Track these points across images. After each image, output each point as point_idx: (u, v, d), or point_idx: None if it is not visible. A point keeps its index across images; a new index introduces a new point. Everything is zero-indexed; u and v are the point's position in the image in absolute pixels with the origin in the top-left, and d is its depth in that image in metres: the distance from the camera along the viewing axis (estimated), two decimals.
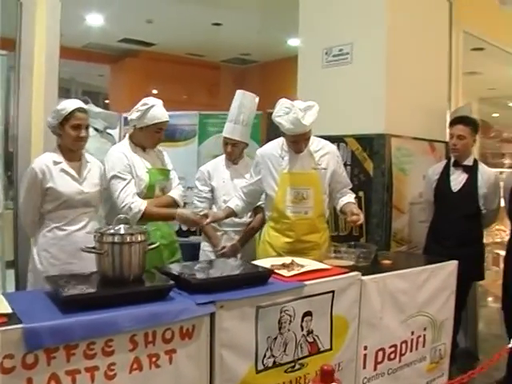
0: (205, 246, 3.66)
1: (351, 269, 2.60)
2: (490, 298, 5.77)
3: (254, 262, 2.55)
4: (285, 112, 2.94)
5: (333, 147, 3.29)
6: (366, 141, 3.81)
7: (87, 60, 9.49)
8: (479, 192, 3.58)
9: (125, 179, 2.95)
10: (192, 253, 3.85)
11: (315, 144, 3.18)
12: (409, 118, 3.94)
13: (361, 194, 3.78)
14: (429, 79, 4.18)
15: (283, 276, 2.36)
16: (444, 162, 3.82)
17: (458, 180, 3.63)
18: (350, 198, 3.22)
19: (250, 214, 3.60)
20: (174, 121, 4.99)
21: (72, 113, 2.80)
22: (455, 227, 3.54)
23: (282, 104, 2.97)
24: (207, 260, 3.19)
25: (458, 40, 5.10)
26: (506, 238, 8.42)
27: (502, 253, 8.05)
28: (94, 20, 7.37)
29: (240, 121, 3.55)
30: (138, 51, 9.08)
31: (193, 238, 4.82)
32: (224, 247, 3.47)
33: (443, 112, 4.31)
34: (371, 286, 2.56)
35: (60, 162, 2.84)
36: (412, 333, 2.82)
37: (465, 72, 5.33)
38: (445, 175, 3.68)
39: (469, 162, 3.66)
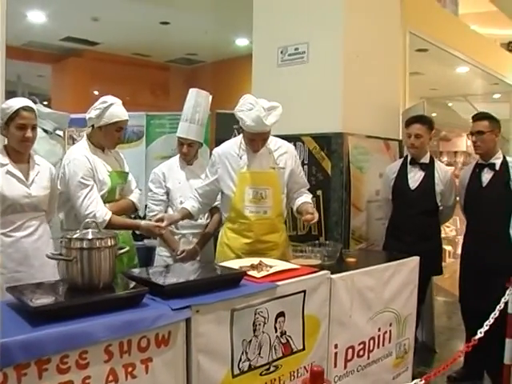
0: (161, 251, 3.55)
1: (319, 268, 2.58)
2: (438, 294, 5.93)
3: (224, 264, 2.50)
4: (248, 108, 2.89)
5: (290, 147, 3.29)
6: (323, 140, 3.83)
7: (27, 59, 9.16)
8: (436, 189, 3.66)
9: (88, 185, 2.83)
10: (146, 256, 3.77)
11: (273, 143, 3.16)
12: (364, 116, 3.99)
13: (319, 192, 3.79)
14: (382, 78, 4.25)
15: (255, 277, 2.32)
16: (401, 160, 3.88)
17: (415, 178, 3.69)
18: (306, 198, 3.22)
19: (207, 215, 3.53)
20: None
21: (17, 112, 2.62)
22: (414, 223, 3.60)
23: (247, 99, 2.93)
24: (176, 264, 3.10)
25: (405, 40, 5.23)
26: (451, 234, 8.69)
27: (447, 248, 8.35)
28: (36, 17, 7.10)
29: (196, 120, 3.48)
30: (82, 51, 8.83)
31: (147, 242, 4.70)
32: (183, 251, 3.38)
33: (396, 111, 4.39)
34: (340, 284, 2.56)
35: (6, 164, 2.65)
36: (379, 329, 2.84)
37: (410, 72, 5.47)
38: (402, 173, 3.74)
39: (425, 159, 3.73)
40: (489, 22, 8.72)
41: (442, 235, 6.70)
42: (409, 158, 3.76)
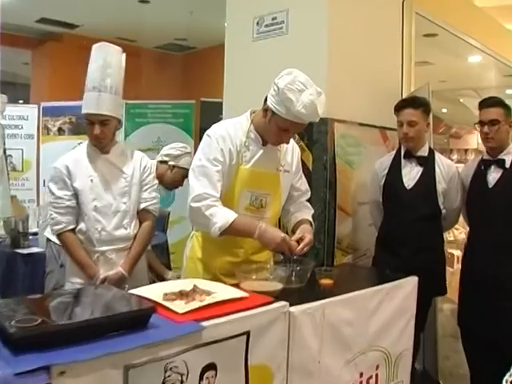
0: (72, 278, 2.69)
1: (276, 296, 1.89)
2: (444, 304, 5.19)
3: (137, 291, 1.80)
4: (298, 88, 2.16)
5: (295, 144, 2.60)
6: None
7: (4, 44, 8.51)
8: (438, 188, 2.94)
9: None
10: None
11: None
12: (356, 100, 3.29)
13: None
14: (380, 57, 3.54)
15: (175, 313, 1.62)
16: (392, 153, 3.15)
17: (411, 175, 2.98)
18: (307, 214, 2.54)
19: (133, 223, 2.70)
20: None
21: None
22: (410, 232, 2.89)
23: (296, 77, 2.19)
24: (58, 290, 2.32)
25: (411, 22, 4.48)
26: (460, 237, 7.91)
27: (456, 252, 7.56)
28: None
29: (107, 87, 2.58)
30: (61, 34, 8.16)
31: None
32: (105, 279, 2.58)
33: (396, 96, 3.66)
34: (304, 319, 1.86)
35: None
36: (361, 374, 2.15)
37: (416, 62, 4.74)
38: (395, 169, 3.02)
39: (423, 152, 3.01)
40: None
41: (450, 238, 5.96)
42: (403, 151, 3.04)
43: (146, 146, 6.34)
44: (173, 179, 3.37)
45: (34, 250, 3.86)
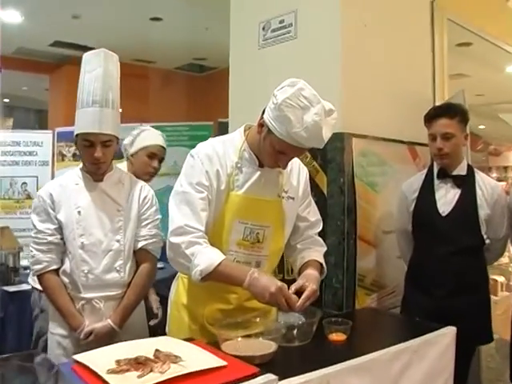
0: (54, 328, 2.26)
1: (266, 363, 1.42)
2: None
3: (86, 357, 1.37)
4: (301, 105, 1.72)
5: (302, 165, 2.15)
6: None
7: (23, 69, 8.38)
8: (480, 214, 2.43)
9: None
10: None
11: None
12: (378, 112, 2.82)
13: None
14: (406, 66, 3.07)
15: None
16: (423, 172, 2.65)
17: (447, 198, 2.47)
18: (315, 252, 2.07)
19: (128, 266, 2.25)
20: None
21: None
22: (448, 268, 2.38)
23: (300, 90, 1.73)
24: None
25: (443, 28, 3.98)
26: (503, 261, 7.19)
27: (500, 279, 6.87)
28: (11, 17, 6.21)
29: (109, 101, 2.18)
30: (76, 57, 7.90)
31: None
32: (90, 332, 2.15)
33: (428, 104, 3.15)
34: None
35: None
36: None
37: (450, 74, 4.24)
38: (427, 192, 2.52)
39: (461, 170, 2.51)
40: None
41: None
42: (436, 169, 2.55)
43: (161, 171, 6.01)
44: (141, 166, 2.85)
45: (24, 286, 3.48)
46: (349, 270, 2.60)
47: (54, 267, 2.20)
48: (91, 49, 7.04)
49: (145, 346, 1.51)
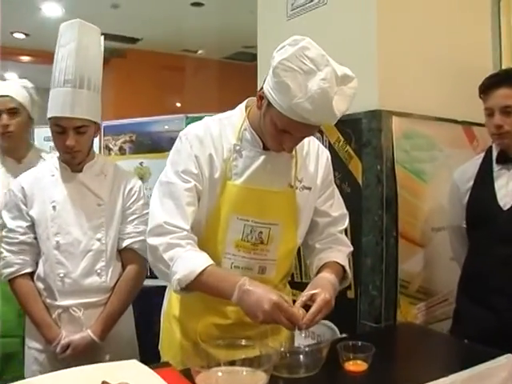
0: (30, 341, 1.99)
1: None
2: None
3: None
4: (304, 69, 1.33)
5: (323, 147, 1.76)
6: (350, 125, 2.25)
7: None
8: None
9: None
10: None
11: None
12: (424, 84, 2.37)
13: None
14: (460, 27, 2.57)
15: None
16: (480, 156, 2.16)
17: (509, 188, 1.97)
18: (337, 253, 1.67)
19: (111, 269, 1.97)
20: (158, 127, 4.12)
21: None
22: (510, 273, 1.91)
23: (303, 49, 1.34)
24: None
25: None
26: None
27: None
28: (52, 10, 6.09)
29: (85, 81, 1.87)
30: (125, 50, 7.76)
31: None
32: (67, 345, 1.87)
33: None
34: None
35: None
36: None
37: None
38: (484, 180, 2.04)
39: None
40: None
41: None
42: (495, 153, 2.06)
43: None
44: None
45: None
46: (389, 275, 2.17)
47: (28, 270, 1.94)
48: (136, 40, 6.88)
49: (96, 375, 1.18)
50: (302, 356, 1.33)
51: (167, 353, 1.69)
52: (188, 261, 1.42)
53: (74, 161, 1.95)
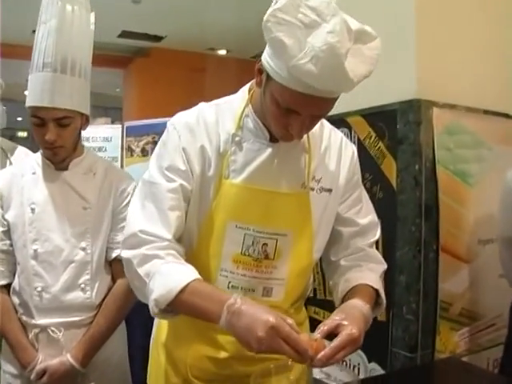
0: (5, 364, 1.73)
1: None
2: None
3: None
4: (304, 21, 1.01)
5: (347, 141, 1.42)
6: (383, 118, 1.93)
7: (98, 65, 8.15)
8: None
9: None
10: None
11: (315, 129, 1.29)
12: (471, 72, 2.03)
13: None
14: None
15: None
16: None
17: None
18: (369, 274, 1.32)
19: (97, 284, 1.69)
20: None
21: None
22: None
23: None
24: None
25: None
26: None
27: None
28: None
29: (68, 64, 1.59)
30: (149, 49, 7.55)
31: None
32: (44, 372, 1.60)
33: None
34: None
35: None
36: None
37: None
38: None
39: None
40: None
41: None
42: None
43: None
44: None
45: None
46: (427, 295, 1.84)
47: (2, 283, 1.68)
48: (160, 38, 6.65)
49: None
50: None
51: None
52: (167, 276, 1.12)
53: (55, 157, 1.68)
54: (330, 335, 1.09)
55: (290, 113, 1.11)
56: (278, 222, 1.25)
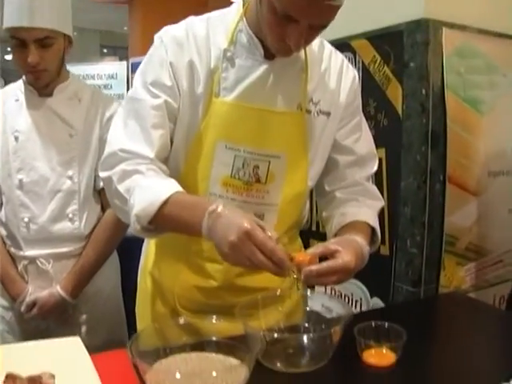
0: None
1: None
2: None
3: None
4: None
5: (349, 64, 1.32)
6: (388, 40, 1.79)
7: None
8: None
9: None
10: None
11: (313, 48, 1.23)
12: None
13: (380, 153, 1.74)
14: None
15: None
16: None
17: None
18: (366, 210, 1.27)
19: (86, 214, 1.65)
20: None
21: None
22: None
23: None
24: None
25: None
26: None
27: None
28: None
29: None
30: None
31: None
32: (34, 304, 1.59)
33: None
34: None
35: None
36: None
37: None
38: None
39: None
40: None
41: None
42: None
43: None
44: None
45: None
46: (432, 228, 1.75)
47: None
48: None
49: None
50: (303, 342, 0.94)
51: (142, 319, 1.35)
52: (148, 190, 1.05)
53: (39, 82, 1.60)
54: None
55: (287, 21, 1.00)
56: (271, 142, 1.16)
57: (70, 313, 1.65)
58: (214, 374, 0.78)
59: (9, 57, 7.78)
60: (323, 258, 1.02)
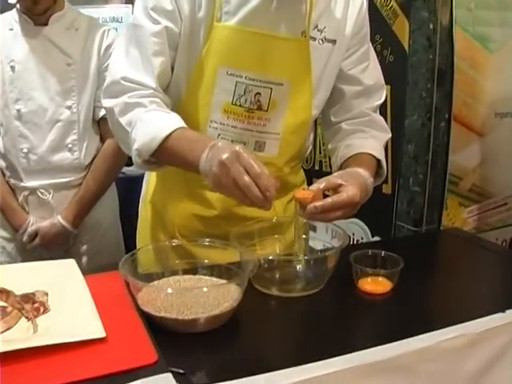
0: None
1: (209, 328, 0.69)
2: None
3: None
4: None
5: None
6: None
7: None
8: None
9: None
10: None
11: None
12: None
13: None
14: None
15: None
16: None
17: None
18: (372, 141, 1.25)
19: (85, 143, 1.65)
20: None
21: None
22: None
23: None
24: None
25: None
26: None
27: None
28: None
29: None
30: None
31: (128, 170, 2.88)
32: (36, 234, 1.62)
33: None
34: None
35: None
36: None
37: None
38: None
39: None
40: None
41: None
42: None
43: None
44: None
45: None
46: (436, 167, 1.72)
47: None
48: None
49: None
50: (297, 266, 0.93)
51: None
52: (150, 124, 1.04)
53: (36, 8, 1.56)
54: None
55: None
56: (273, 69, 1.13)
57: (71, 243, 1.67)
58: (205, 289, 0.78)
59: None
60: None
